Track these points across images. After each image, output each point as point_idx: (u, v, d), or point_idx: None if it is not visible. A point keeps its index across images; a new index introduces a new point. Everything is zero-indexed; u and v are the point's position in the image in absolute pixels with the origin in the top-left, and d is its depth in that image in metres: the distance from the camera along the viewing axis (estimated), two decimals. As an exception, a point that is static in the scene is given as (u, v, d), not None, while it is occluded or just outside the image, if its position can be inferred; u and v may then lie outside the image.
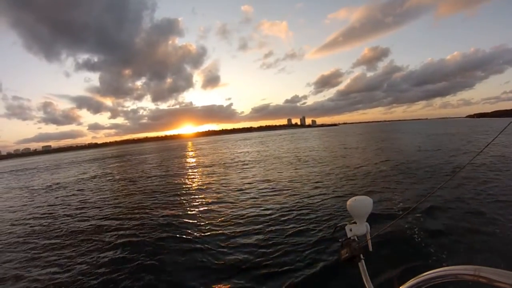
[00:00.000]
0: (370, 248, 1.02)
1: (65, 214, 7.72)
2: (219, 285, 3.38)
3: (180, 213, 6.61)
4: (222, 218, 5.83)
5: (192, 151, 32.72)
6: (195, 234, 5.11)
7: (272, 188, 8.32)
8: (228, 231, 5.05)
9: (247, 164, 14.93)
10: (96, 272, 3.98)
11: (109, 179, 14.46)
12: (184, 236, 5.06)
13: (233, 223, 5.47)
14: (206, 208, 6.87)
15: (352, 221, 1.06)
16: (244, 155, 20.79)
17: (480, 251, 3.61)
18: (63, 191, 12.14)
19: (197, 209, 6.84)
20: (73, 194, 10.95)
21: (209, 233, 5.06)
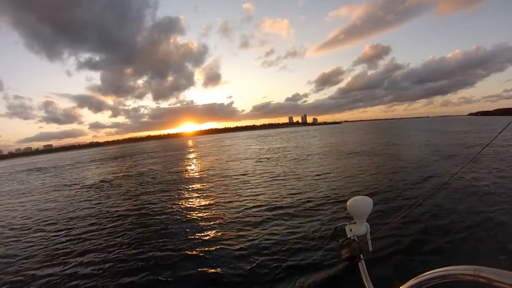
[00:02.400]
0: (370, 248, 1.02)
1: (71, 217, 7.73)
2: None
3: (183, 215, 6.62)
4: (222, 218, 5.85)
5: (201, 151, 30.74)
6: (195, 234, 5.13)
7: (272, 188, 8.33)
8: (227, 231, 5.06)
9: (259, 161, 14.93)
10: (93, 274, 4.00)
11: (122, 179, 14.38)
12: (186, 237, 5.07)
13: (232, 222, 5.47)
14: (206, 207, 6.90)
15: (352, 221, 1.06)
16: (260, 153, 20.40)
17: (480, 251, 3.61)
18: (75, 191, 12.17)
19: (198, 209, 6.85)
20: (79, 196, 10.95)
21: (208, 233, 5.07)
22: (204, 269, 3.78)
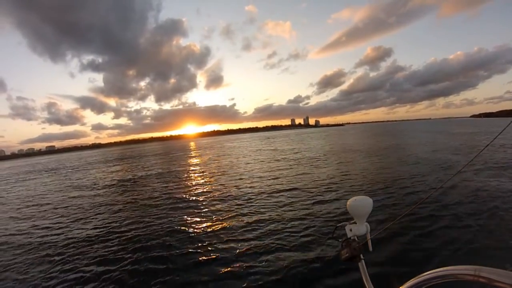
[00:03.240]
0: (370, 248, 1.01)
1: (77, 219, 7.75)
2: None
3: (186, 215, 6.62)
4: (221, 219, 5.86)
5: (214, 152, 28.72)
6: (196, 234, 5.13)
7: (273, 188, 8.33)
8: (227, 232, 5.06)
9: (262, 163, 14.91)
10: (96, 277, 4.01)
11: (128, 181, 14.38)
12: (187, 239, 5.07)
13: (230, 224, 5.47)
14: (207, 207, 6.91)
15: (352, 221, 1.06)
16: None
17: (480, 251, 3.60)
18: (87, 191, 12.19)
19: (200, 209, 6.86)
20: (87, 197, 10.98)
21: (208, 233, 5.08)
22: (205, 269, 3.79)
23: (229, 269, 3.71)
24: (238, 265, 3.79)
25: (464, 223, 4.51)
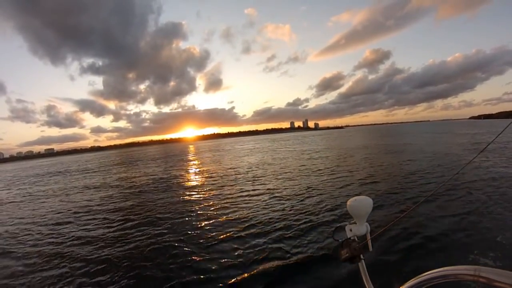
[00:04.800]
0: (370, 248, 1.01)
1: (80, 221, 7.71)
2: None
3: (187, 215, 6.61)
4: (222, 220, 5.85)
5: (225, 154, 27.41)
6: (197, 235, 5.12)
7: (273, 188, 8.33)
8: (227, 232, 5.05)
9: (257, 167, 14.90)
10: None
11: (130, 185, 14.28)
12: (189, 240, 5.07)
13: (231, 225, 5.46)
14: (207, 208, 6.90)
15: (352, 221, 1.06)
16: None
17: (480, 251, 3.60)
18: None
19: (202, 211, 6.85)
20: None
21: (208, 233, 5.06)
22: (204, 269, 3.78)
23: (229, 269, 3.70)
24: (237, 264, 3.78)
25: (465, 223, 4.52)
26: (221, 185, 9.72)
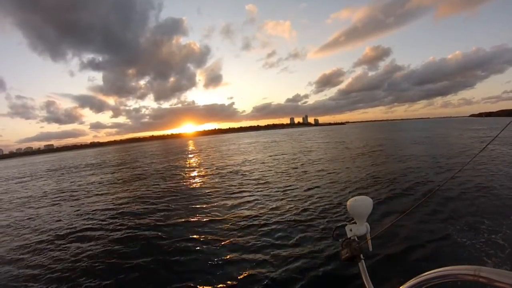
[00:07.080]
0: (370, 248, 1.02)
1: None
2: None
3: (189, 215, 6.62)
4: (222, 220, 5.85)
5: (236, 150, 25.94)
6: (197, 237, 5.13)
7: (273, 188, 8.33)
8: (227, 232, 5.05)
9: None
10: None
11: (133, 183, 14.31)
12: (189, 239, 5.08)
13: (232, 224, 5.46)
14: (206, 209, 6.91)
15: (352, 221, 1.06)
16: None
17: (480, 251, 3.60)
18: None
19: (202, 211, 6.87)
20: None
21: (208, 234, 5.07)
22: (204, 268, 3.79)
23: (228, 268, 3.71)
24: (237, 264, 3.79)
25: (465, 223, 4.51)
26: (219, 183, 9.71)
